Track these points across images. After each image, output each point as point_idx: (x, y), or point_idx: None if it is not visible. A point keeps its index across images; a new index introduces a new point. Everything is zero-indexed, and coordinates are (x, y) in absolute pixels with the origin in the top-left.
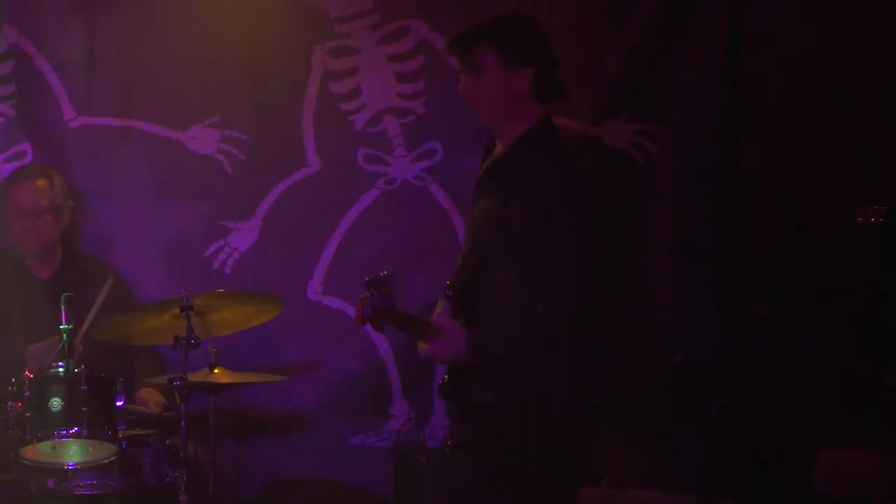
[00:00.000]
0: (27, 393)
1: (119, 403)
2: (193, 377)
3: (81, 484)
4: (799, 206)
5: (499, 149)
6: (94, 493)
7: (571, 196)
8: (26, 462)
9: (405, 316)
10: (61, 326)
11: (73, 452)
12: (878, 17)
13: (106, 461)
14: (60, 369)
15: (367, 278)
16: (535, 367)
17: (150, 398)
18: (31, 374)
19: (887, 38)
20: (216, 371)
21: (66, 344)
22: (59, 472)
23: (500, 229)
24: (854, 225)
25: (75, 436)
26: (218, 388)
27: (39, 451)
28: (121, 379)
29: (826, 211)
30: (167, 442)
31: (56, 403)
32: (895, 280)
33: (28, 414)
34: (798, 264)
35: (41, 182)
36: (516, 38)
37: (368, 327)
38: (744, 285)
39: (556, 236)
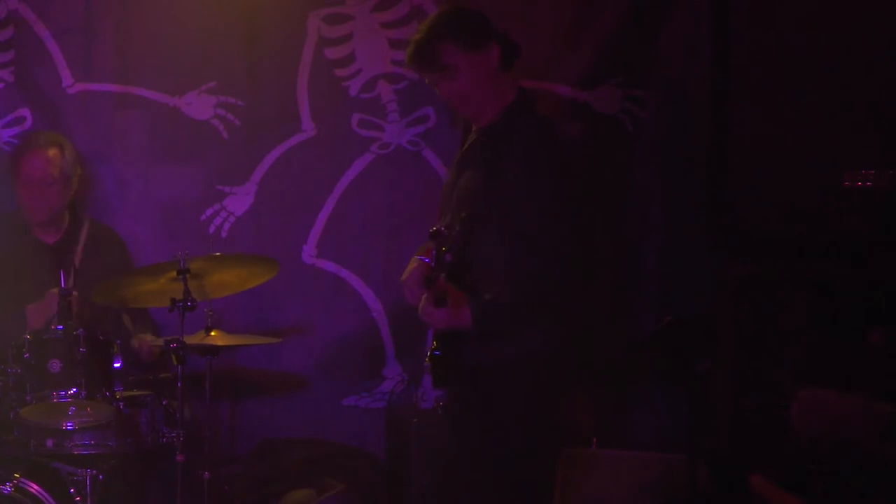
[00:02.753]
0: (26, 355)
1: (116, 365)
2: (190, 339)
3: (79, 444)
4: (785, 169)
5: (479, 125)
6: (92, 452)
7: (554, 162)
8: (26, 422)
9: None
10: (61, 291)
11: (71, 413)
12: None
13: (103, 422)
14: (59, 331)
15: (433, 229)
16: (522, 329)
17: (144, 342)
18: (30, 336)
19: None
20: (212, 333)
21: (65, 307)
22: (58, 432)
23: (486, 198)
24: (841, 187)
25: (73, 397)
26: (214, 349)
27: (38, 412)
28: (118, 341)
29: (812, 173)
30: (164, 403)
31: (55, 365)
32: (880, 242)
33: (27, 375)
34: (784, 226)
35: (52, 151)
36: (466, 24)
37: (363, 288)
38: (730, 247)
39: (539, 202)
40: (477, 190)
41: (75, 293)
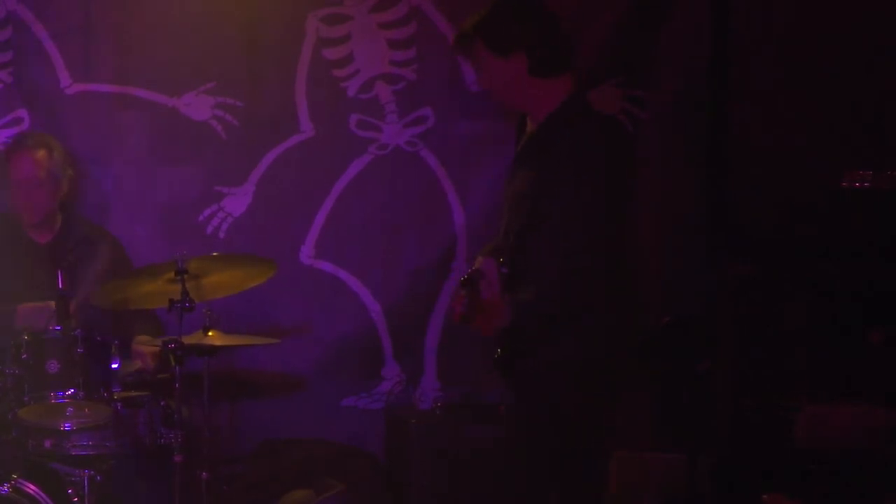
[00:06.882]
0: (24, 355)
1: (114, 366)
2: (188, 340)
3: (77, 444)
4: (785, 170)
5: (531, 126)
6: (90, 453)
7: (603, 163)
8: (24, 423)
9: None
10: (59, 292)
11: (69, 414)
12: None
13: (101, 422)
14: (57, 332)
15: (463, 278)
16: (573, 326)
17: (146, 348)
18: (28, 336)
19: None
20: (210, 334)
21: (63, 308)
22: (56, 432)
23: (538, 199)
24: (839, 189)
25: (72, 397)
26: (212, 350)
27: (36, 413)
28: (116, 342)
29: (812, 174)
30: (162, 403)
31: (53, 366)
32: (879, 243)
33: (25, 376)
34: (784, 227)
35: (40, 153)
36: (500, 26)
37: (361, 289)
38: (730, 248)
39: (589, 204)
40: (528, 194)
41: (74, 301)
